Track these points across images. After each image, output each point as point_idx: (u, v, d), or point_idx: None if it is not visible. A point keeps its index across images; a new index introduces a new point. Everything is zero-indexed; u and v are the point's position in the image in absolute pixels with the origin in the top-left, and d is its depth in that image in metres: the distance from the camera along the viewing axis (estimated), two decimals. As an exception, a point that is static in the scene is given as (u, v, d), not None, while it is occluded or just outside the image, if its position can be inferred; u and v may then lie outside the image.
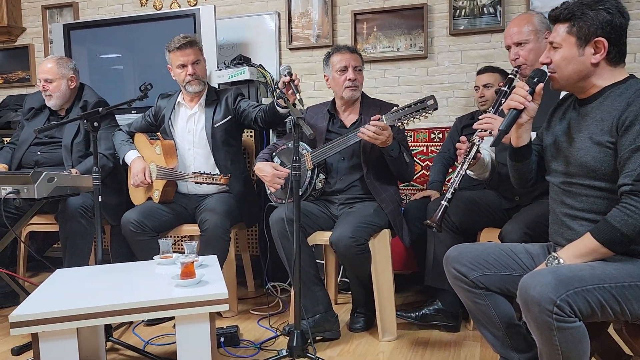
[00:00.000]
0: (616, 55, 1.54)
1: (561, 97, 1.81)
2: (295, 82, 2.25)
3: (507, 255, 1.68)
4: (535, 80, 1.62)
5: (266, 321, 2.61)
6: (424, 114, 2.17)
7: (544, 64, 1.61)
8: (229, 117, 2.77)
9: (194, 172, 2.58)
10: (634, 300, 1.42)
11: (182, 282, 1.78)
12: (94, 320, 1.65)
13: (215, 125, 2.74)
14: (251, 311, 2.79)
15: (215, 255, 2.22)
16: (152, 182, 2.70)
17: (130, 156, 2.76)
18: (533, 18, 2.26)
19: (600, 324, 1.67)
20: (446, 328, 2.43)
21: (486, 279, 1.66)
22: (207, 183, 2.53)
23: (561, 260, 1.49)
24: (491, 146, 1.73)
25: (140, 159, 2.74)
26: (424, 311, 2.43)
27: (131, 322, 2.57)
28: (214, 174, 2.53)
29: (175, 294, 1.71)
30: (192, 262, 1.84)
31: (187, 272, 1.81)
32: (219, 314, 2.67)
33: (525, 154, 1.72)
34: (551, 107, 1.79)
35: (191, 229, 2.71)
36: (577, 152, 1.56)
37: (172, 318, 2.46)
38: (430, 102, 2.15)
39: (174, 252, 2.20)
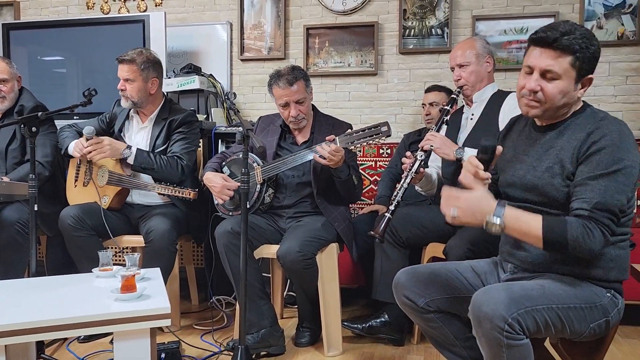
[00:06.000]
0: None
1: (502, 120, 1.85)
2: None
3: (454, 276, 1.70)
4: (487, 157, 1.51)
5: (210, 336, 2.54)
6: (376, 139, 2.20)
7: (532, 90, 1.51)
8: (167, 144, 2.68)
9: (160, 184, 2.50)
10: (576, 320, 1.46)
11: (121, 296, 1.71)
12: (23, 337, 1.54)
13: (155, 151, 2.65)
14: (194, 326, 2.71)
15: (159, 268, 2.15)
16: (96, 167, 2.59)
17: (75, 141, 2.64)
18: (476, 43, 2.37)
19: (539, 338, 1.73)
20: (391, 341, 2.45)
21: (434, 303, 1.67)
22: (174, 196, 2.45)
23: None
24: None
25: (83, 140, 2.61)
26: (370, 323, 2.44)
27: (65, 339, 2.44)
28: (181, 188, 2.45)
29: (114, 309, 1.63)
30: (133, 275, 1.76)
31: (128, 286, 1.73)
32: (160, 329, 2.58)
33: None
34: (500, 131, 1.82)
35: (133, 240, 2.62)
36: (537, 180, 1.55)
37: (109, 334, 2.35)
38: (384, 128, 2.18)
39: (114, 264, 2.11)
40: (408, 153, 2.12)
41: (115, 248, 3.01)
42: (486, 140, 1.52)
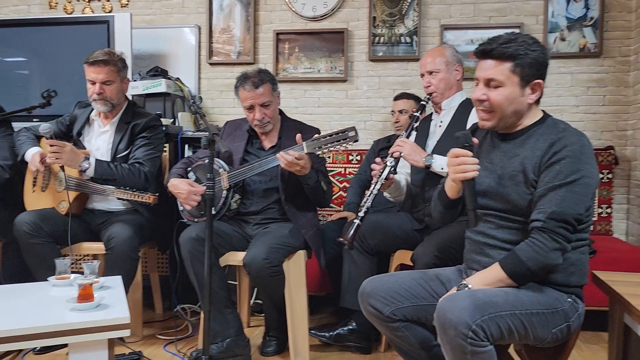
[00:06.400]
0: (541, 94, 1.59)
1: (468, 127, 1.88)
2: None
3: (419, 284, 1.70)
4: (468, 146, 1.58)
5: (173, 346, 2.47)
6: (344, 144, 2.18)
7: (478, 100, 1.58)
8: (130, 149, 2.60)
9: (119, 188, 2.42)
10: (539, 326, 1.48)
11: (78, 306, 1.64)
12: (-29, 350, 1.47)
13: (117, 156, 2.57)
14: (157, 335, 2.64)
15: (120, 276, 2.08)
16: (49, 173, 2.48)
17: (32, 151, 2.52)
18: (446, 50, 2.40)
19: (503, 345, 1.74)
20: (358, 349, 2.43)
21: (400, 312, 1.66)
22: (133, 201, 2.38)
23: (470, 287, 1.53)
24: (468, 228, 1.67)
25: (38, 154, 2.51)
26: (338, 331, 2.42)
27: (20, 351, 2.34)
28: (141, 192, 2.38)
29: (69, 319, 1.57)
30: (91, 284, 1.70)
31: (85, 295, 1.67)
32: (121, 339, 2.50)
33: (459, 202, 1.71)
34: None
35: (93, 247, 2.53)
36: (503, 189, 1.58)
37: (66, 345, 2.26)
38: (352, 133, 2.17)
39: (72, 272, 2.04)
40: (377, 159, 2.12)
41: (75, 255, 2.91)
42: (461, 133, 1.59)
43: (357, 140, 2.18)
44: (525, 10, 3.38)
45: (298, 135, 2.23)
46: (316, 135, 2.24)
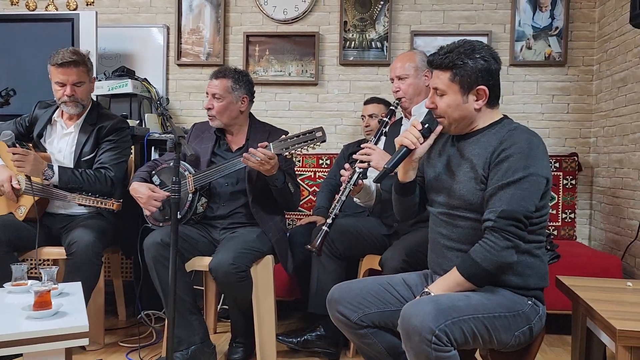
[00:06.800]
0: (494, 99, 1.63)
1: None
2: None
3: (385, 290, 1.70)
4: (426, 126, 1.65)
5: (136, 354, 2.40)
6: (311, 145, 2.17)
7: (429, 108, 1.65)
8: (95, 152, 2.53)
9: (81, 194, 2.34)
10: (501, 329, 1.50)
11: (34, 314, 1.57)
12: None
13: (82, 159, 2.50)
14: (120, 343, 2.56)
15: (80, 283, 2.00)
16: (18, 196, 2.40)
17: None
18: (415, 56, 2.40)
19: (469, 350, 1.75)
20: (326, 355, 2.41)
21: (368, 318, 1.66)
22: (95, 207, 2.30)
23: (432, 294, 1.54)
24: (374, 182, 1.76)
25: (5, 167, 2.42)
26: (305, 337, 2.40)
27: (-28, 360, 2.23)
28: (103, 198, 2.31)
29: (24, 328, 1.50)
30: (49, 291, 1.63)
31: (42, 302, 1.60)
32: (82, 347, 2.42)
33: (410, 188, 1.75)
34: None
35: (54, 252, 2.45)
36: (456, 185, 1.62)
37: (21, 355, 2.17)
38: (319, 133, 2.15)
39: (30, 278, 1.96)
40: (347, 165, 2.10)
41: (33, 261, 2.81)
42: (431, 117, 1.65)
43: (324, 141, 2.17)
44: (493, 19, 3.43)
45: (263, 144, 2.20)
46: (283, 137, 2.22)
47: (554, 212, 3.28)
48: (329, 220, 2.02)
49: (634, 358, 1.35)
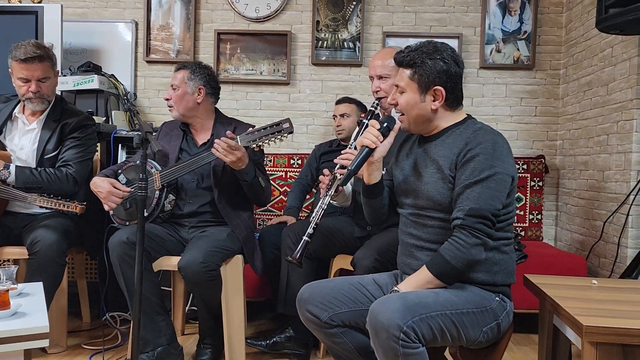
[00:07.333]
0: (453, 101, 1.64)
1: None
2: None
3: (356, 289, 1.69)
4: (385, 125, 1.67)
5: (100, 356, 2.34)
6: (279, 136, 2.14)
7: (390, 104, 1.67)
8: (59, 150, 2.45)
9: (42, 196, 2.25)
10: (469, 325, 1.51)
11: (-9, 315, 1.51)
12: None
13: (45, 156, 2.41)
14: (83, 345, 2.48)
15: (41, 283, 1.93)
16: None
17: None
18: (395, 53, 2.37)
19: (439, 349, 1.76)
20: (296, 356, 2.39)
21: (338, 317, 1.65)
22: (57, 210, 2.22)
23: (400, 292, 1.54)
24: (340, 185, 1.76)
25: None
26: (275, 339, 2.37)
27: None
28: (65, 201, 2.23)
29: (-20, 329, 1.44)
30: (7, 291, 1.57)
31: (0, 302, 1.54)
32: (43, 350, 2.34)
33: (377, 191, 1.75)
34: (398, 143, 1.86)
35: (15, 251, 2.36)
36: (424, 185, 1.63)
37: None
38: (286, 125, 2.14)
39: (-13, 278, 1.88)
40: (326, 171, 1.99)
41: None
42: (390, 116, 1.69)
43: (292, 132, 2.15)
44: (463, 22, 3.48)
45: (229, 132, 2.17)
46: (250, 129, 2.19)
47: (522, 213, 3.34)
48: (310, 230, 1.92)
49: (599, 353, 1.37)
